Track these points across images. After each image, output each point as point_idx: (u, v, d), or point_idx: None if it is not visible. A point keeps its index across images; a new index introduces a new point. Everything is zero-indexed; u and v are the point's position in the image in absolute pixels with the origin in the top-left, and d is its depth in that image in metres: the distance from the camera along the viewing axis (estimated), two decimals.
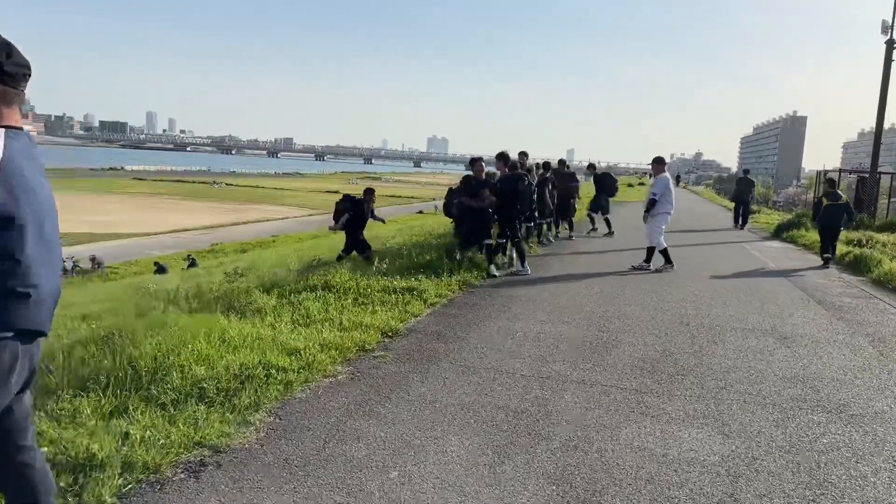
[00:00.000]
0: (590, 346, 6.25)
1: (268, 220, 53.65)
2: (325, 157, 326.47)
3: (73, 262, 29.98)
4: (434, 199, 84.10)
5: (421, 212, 64.32)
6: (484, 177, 10.15)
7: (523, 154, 13.29)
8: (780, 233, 18.73)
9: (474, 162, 10.23)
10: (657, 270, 10.95)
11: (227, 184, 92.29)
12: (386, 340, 5.99)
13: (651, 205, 11.16)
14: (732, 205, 25.43)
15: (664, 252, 11.16)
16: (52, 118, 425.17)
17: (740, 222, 21.60)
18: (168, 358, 4.57)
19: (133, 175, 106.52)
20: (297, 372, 4.77)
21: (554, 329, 6.79)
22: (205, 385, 4.26)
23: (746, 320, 7.62)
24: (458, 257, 9.84)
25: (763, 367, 5.77)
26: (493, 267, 9.70)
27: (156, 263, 27.74)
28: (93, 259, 30.67)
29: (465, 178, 10.23)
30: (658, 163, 11.44)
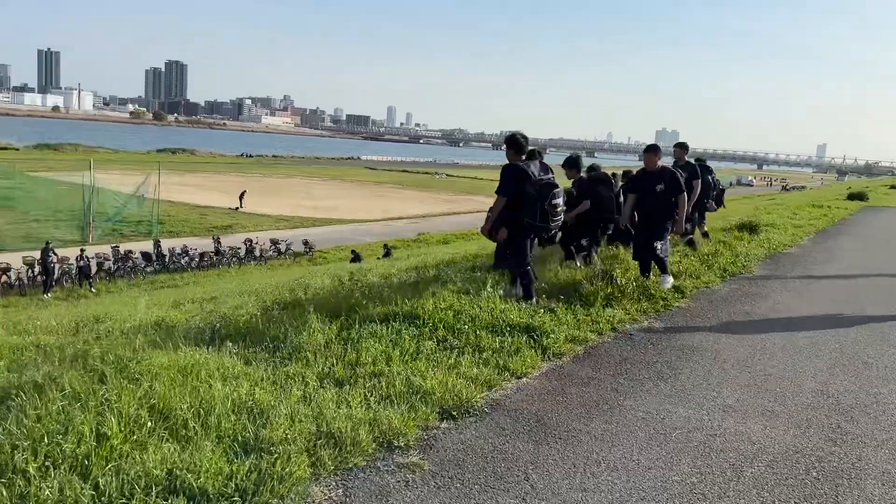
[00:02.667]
0: (809, 474, 3.48)
1: (479, 212, 53.31)
2: (548, 150, 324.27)
3: (287, 245, 31.62)
4: None
5: None
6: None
7: (682, 147, 10.71)
8: None
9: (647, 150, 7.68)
10: None
11: (447, 175, 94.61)
12: (442, 427, 3.74)
13: None
14: None
15: None
16: (307, 111, 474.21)
17: None
18: None
19: (365, 165, 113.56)
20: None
21: (744, 428, 4.04)
22: None
23: None
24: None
25: None
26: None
27: (353, 251, 28.02)
28: (305, 242, 32.07)
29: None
30: None
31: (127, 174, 48.54)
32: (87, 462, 2.74)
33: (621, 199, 8.93)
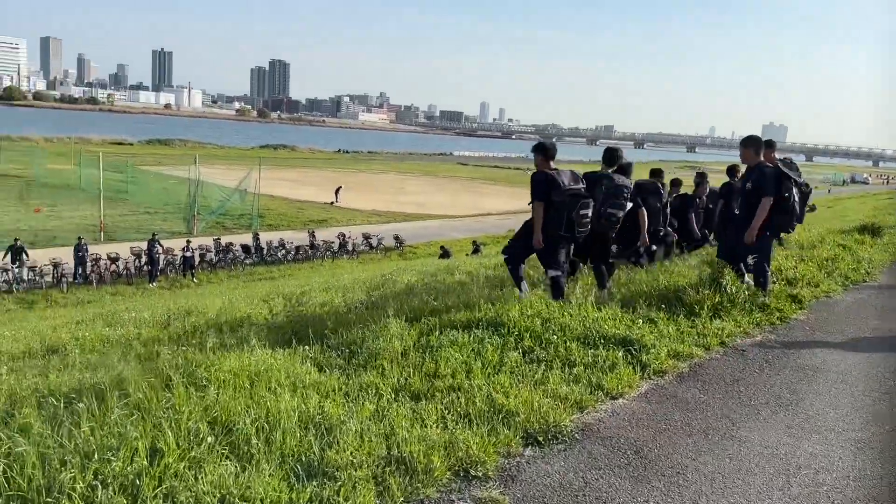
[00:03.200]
0: None
1: None
2: (645, 145, 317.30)
3: (378, 239, 32.02)
4: None
5: None
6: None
7: (768, 145, 9.11)
8: None
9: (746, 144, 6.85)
10: None
11: None
12: (526, 455, 3.33)
13: None
14: None
15: None
16: (402, 108, 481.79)
17: None
18: None
19: (457, 160, 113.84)
20: None
21: (883, 470, 3.43)
22: None
23: None
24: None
25: None
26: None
27: (442, 247, 27.92)
28: (396, 237, 32.36)
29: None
30: None
31: (231, 169, 50.63)
32: (137, 482, 2.53)
33: (668, 209, 8.48)
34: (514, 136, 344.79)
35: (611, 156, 6.99)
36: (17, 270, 21.93)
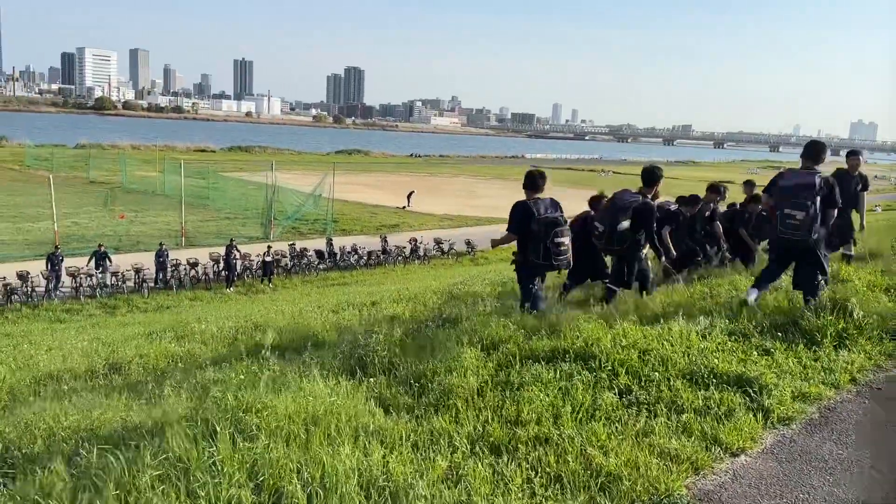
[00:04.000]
0: None
1: None
2: (725, 145, 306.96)
3: (450, 244, 31.71)
4: None
5: None
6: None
7: (853, 155, 9.08)
8: None
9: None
10: None
11: (614, 172, 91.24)
12: None
13: None
14: None
15: None
16: (473, 111, 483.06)
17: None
18: None
19: (530, 163, 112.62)
20: None
21: None
22: None
23: None
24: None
25: None
26: None
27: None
28: (467, 242, 31.93)
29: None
30: None
31: (306, 175, 51.48)
32: None
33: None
34: (587, 137, 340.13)
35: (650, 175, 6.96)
36: (100, 276, 22.62)
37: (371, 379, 4.17)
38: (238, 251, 25.05)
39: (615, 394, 3.90)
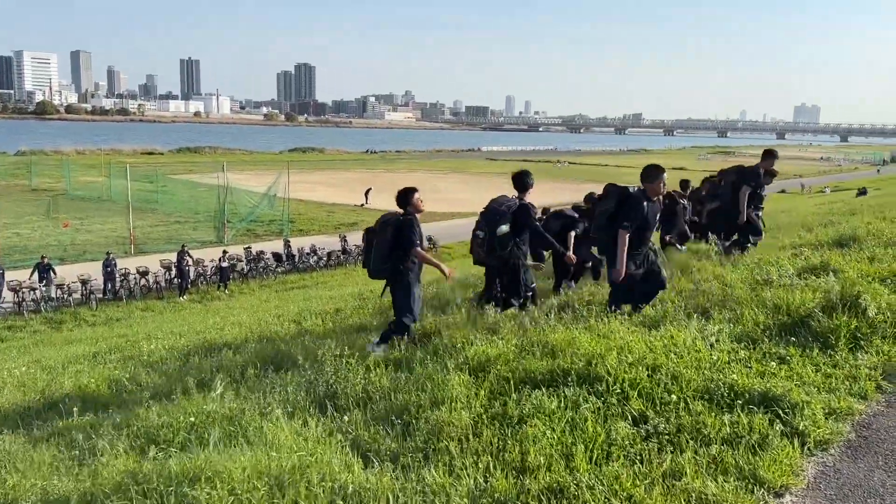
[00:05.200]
0: None
1: None
2: (675, 132, 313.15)
3: None
4: (800, 177, 71.63)
5: (783, 191, 54.81)
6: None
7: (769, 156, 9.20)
8: None
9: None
10: None
11: (569, 163, 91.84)
12: None
13: None
14: None
15: None
16: (427, 105, 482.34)
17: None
18: None
19: (486, 156, 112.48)
20: None
21: None
22: None
23: None
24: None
25: None
26: None
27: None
28: (429, 239, 31.31)
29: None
30: None
31: (260, 174, 50.14)
32: None
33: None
34: (541, 129, 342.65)
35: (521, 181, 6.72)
36: (44, 289, 21.36)
37: (345, 416, 3.58)
38: (190, 257, 23.98)
39: (629, 423, 3.38)
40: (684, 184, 11.28)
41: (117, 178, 41.89)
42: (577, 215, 8.69)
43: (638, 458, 3.07)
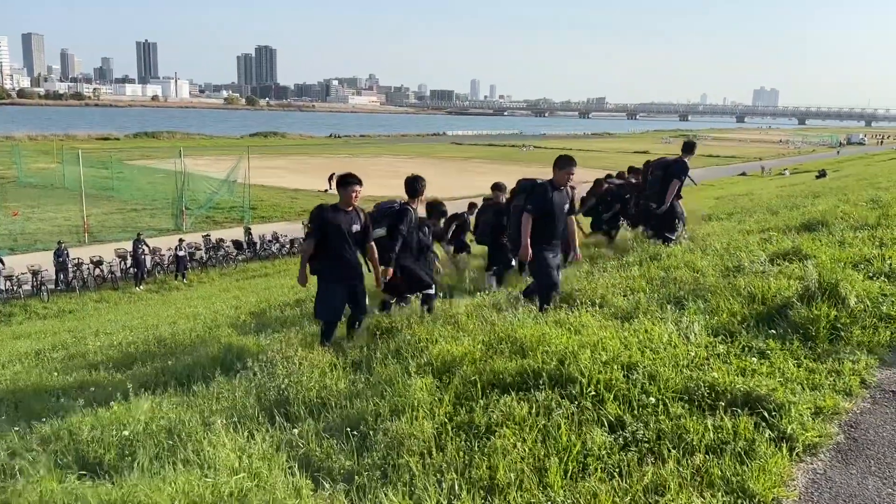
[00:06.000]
0: None
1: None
2: (638, 116, 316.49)
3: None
4: (760, 159, 72.78)
5: (744, 174, 55.58)
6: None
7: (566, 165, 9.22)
8: None
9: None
10: None
11: (534, 147, 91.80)
12: None
13: None
14: None
15: None
16: (392, 89, 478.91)
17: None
18: None
19: (451, 140, 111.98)
20: None
21: None
22: None
23: None
24: None
25: None
26: None
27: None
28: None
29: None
30: None
31: (220, 160, 48.94)
32: None
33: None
34: (506, 113, 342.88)
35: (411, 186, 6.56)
36: None
37: (296, 428, 3.24)
38: (147, 245, 23.18)
39: (606, 430, 3.11)
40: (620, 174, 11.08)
41: (71, 165, 40.36)
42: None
43: (616, 470, 2.80)
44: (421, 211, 6.91)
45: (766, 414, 3.26)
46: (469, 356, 3.95)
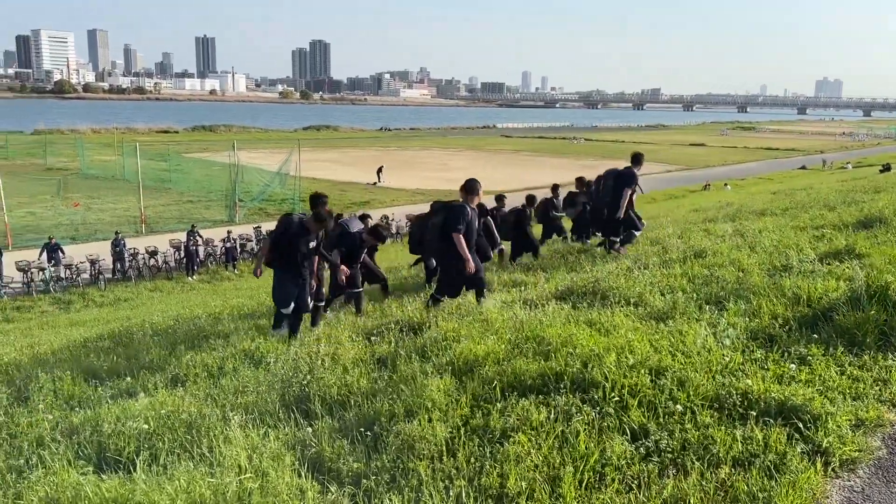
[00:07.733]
0: None
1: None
2: (694, 107, 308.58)
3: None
4: (822, 152, 70.07)
5: (804, 167, 53.58)
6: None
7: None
8: None
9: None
10: None
11: (585, 139, 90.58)
12: None
13: None
14: None
15: None
16: (443, 82, 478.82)
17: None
18: None
19: (501, 133, 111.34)
20: None
21: None
22: None
23: None
24: None
25: None
26: None
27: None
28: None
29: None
30: None
31: (274, 153, 49.80)
32: None
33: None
34: (557, 105, 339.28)
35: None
36: (52, 269, 21.27)
37: (311, 427, 3.21)
38: (200, 237, 23.77)
39: (627, 438, 2.98)
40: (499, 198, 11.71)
41: (130, 157, 41.69)
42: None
43: (635, 482, 2.67)
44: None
45: (800, 425, 3.06)
46: (493, 356, 3.86)
